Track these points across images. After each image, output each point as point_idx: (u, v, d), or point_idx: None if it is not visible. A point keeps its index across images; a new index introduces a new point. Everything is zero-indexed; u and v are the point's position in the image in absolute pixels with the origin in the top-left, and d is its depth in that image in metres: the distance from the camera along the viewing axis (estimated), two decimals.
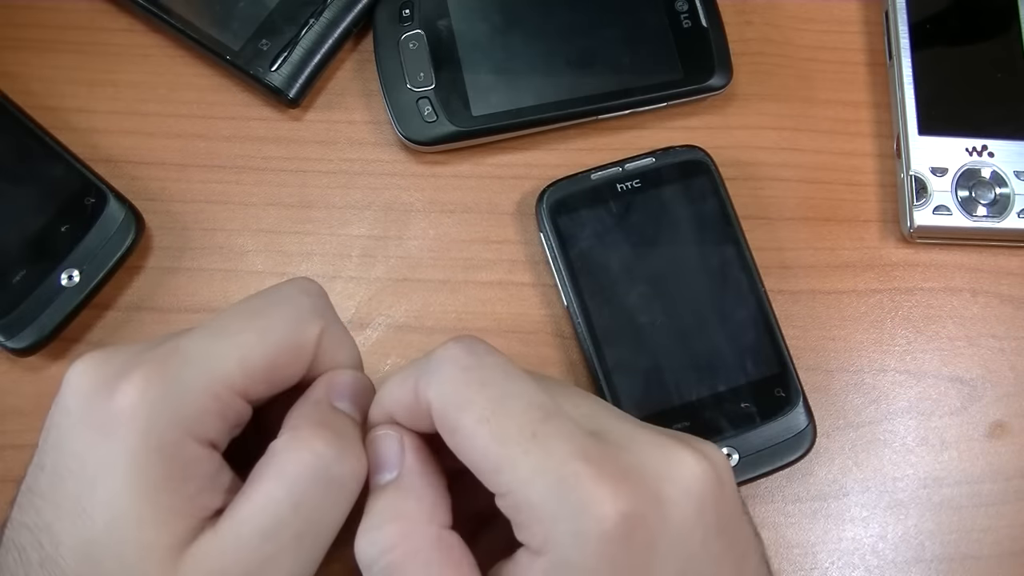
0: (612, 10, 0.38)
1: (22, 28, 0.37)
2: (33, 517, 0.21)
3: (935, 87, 0.38)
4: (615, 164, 0.35)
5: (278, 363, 0.22)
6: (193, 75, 0.37)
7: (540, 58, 0.37)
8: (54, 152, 0.34)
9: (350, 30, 0.37)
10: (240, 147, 0.37)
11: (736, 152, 0.38)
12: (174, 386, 0.21)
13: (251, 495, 0.21)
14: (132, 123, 0.37)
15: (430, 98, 0.36)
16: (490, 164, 0.37)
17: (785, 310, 0.36)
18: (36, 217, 0.33)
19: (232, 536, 0.21)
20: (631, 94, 0.37)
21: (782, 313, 0.35)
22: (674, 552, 0.20)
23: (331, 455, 0.22)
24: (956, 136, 0.37)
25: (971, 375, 0.36)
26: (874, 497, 0.34)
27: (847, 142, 0.39)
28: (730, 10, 0.39)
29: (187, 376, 0.21)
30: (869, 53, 0.40)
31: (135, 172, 0.36)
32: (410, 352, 0.35)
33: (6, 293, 0.32)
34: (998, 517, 0.34)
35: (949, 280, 0.37)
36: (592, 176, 0.35)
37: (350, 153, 0.37)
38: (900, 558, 0.34)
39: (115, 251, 0.33)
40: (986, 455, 0.35)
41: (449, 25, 0.37)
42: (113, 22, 0.38)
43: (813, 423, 0.33)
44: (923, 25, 0.39)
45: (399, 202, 0.36)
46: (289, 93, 0.36)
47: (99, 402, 0.21)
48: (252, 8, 0.37)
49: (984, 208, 0.37)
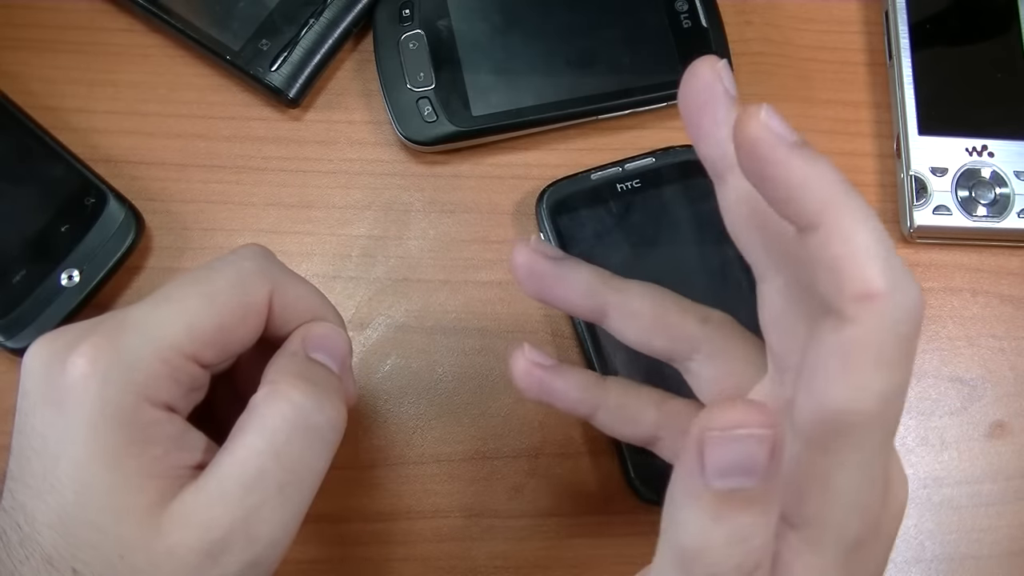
0: (612, 10, 0.38)
1: (22, 28, 0.37)
2: (9, 500, 0.21)
3: (935, 87, 0.38)
4: (615, 164, 0.35)
5: (225, 325, 0.22)
6: (193, 75, 0.37)
7: (540, 58, 0.37)
8: (54, 152, 0.34)
9: (350, 30, 0.37)
10: (240, 147, 0.37)
11: None
12: (123, 354, 0.21)
13: (232, 449, 0.21)
14: (132, 123, 0.37)
15: (430, 98, 0.36)
16: (490, 164, 0.37)
17: None
18: (36, 217, 0.33)
19: (216, 490, 0.21)
20: (631, 94, 0.37)
21: None
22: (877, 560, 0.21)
23: (310, 405, 0.22)
24: (956, 136, 0.37)
25: (971, 375, 0.36)
26: None
27: (847, 142, 0.39)
28: (730, 10, 0.39)
29: (134, 343, 0.21)
30: (869, 53, 0.40)
31: (135, 172, 0.36)
32: (410, 352, 0.35)
33: (6, 293, 0.32)
34: (998, 517, 0.34)
35: (949, 280, 0.37)
36: (592, 176, 0.35)
37: (350, 153, 0.37)
38: (900, 558, 0.34)
39: (115, 251, 0.33)
40: (986, 455, 0.35)
41: (449, 25, 0.37)
42: (113, 22, 0.38)
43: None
44: (923, 25, 0.39)
45: (399, 202, 0.36)
46: (289, 93, 0.36)
47: (52, 378, 0.21)
48: (252, 8, 0.37)
49: (984, 208, 0.37)
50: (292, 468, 0.22)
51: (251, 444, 0.21)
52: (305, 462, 0.22)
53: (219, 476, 0.21)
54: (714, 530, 0.17)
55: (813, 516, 0.19)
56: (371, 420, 0.34)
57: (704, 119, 0.20)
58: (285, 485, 0.21)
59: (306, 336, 0.25)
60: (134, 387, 0.21)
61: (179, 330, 0.22)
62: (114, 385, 0.21)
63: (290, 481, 0.22)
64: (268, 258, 0.25)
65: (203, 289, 0.23)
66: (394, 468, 0.33)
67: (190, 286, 0.23)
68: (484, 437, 0.34)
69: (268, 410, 0.22)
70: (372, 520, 0.33)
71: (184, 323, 0.22)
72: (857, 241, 0.17)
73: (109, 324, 0.22)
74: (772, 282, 0.21)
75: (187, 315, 0.22)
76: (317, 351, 0.24)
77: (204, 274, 0.23)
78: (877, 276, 0.17)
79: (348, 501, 0.33)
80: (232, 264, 0.24)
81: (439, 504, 0.33)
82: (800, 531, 0.19)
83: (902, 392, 0.18)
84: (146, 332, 0.21)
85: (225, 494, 0.21)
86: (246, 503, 0.21)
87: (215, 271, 0.23)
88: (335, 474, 0.33)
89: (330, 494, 0.32)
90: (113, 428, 0.20)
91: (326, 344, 0.25)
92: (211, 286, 0.23)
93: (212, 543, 0.20)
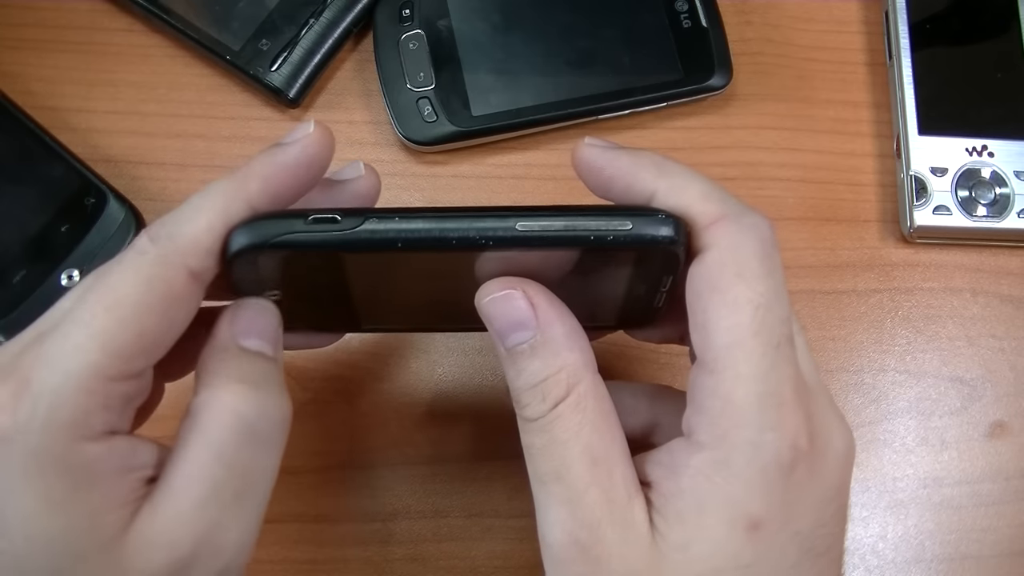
0: (612, 10, 0.38)
1: (22, 28, 0.37)
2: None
3: (935, 87, 0.38)
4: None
5: (145, 331, 0.21)
6: (193, 75, 0.37)
7: (540, 58, 0.37)
8: (54, 152, 0.34)
9: (350, 30, 0.37)
10: (240, 147, 0.37)
11: (736, 152, 0.38)
12: (42, 400, 0.19)
13: (181, 465, 0.21)
14: (132, 123, 0.37)
15: (430, 98, 0.36)
16: (490, 164, 0.37)
17: None
18: (36, 217, 0.33)
19: (172, 510, 0.20)
20: (631, 94, 0.37)
21: None
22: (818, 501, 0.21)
23: (252, 412, 0.21)
24: (956, 136, 0.37)
25: (971, 375, 0.36)
26: (874, 497, 0.34)
27: (847, 142, 0.39)
28: (730, 10, 0.39)
29: (51, 383, 0.20)
30: (869, 53, 0.40)
31: (135, 172, 0.36)
32: (410, 352, 0.35)
33: (6, 293, 0.32)
34: (998, 517, 0.34)
35: (949, 280, 0.37)
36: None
37: (350, 153, 0.37)
38: (900, 558, 0.34)
39: (115, 251, 0.33)
40: (986, 455, 0.35)
41: (449, 25, 0.37)
42: (113, 22, 0.38)
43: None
44: (923, 25, 0.39)
45: (399, 202, 0.36)
46: (289, 93, 0.36)
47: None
48: (252, 8, 0.37)
49: (984, 208, 0.37)
50: (244, 474, 0.21)
51: (200, 458, 0.21)
52: (257, 464, 0.22)
53: (174, 495, 0.20)
54: (518, 379, 0.22)
55: (721, 434, 0.20)
56: (371, 420, 0.34)
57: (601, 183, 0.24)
58: (240, 492, 0.21)
59: (232, 324, 0.23)
60: (63, 431, 0.19)
61: (95, 357, 0.20)
62: (39, 435, 0.19)
63: (245, 487, 0.21)
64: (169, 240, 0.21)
65: (107, 300, 0.20)
66: (394, 468, 0.33)
67: (95, 302, 0.21)
68: (484, 437, 0.34)
69: (211, 422, 0.21)
70: (372, 520, 0.33)
71: (98, 345, 0.20)
72: (690, 189, 0.22)
73: (22, 367, 0.20)
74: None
75: (99, 336, 0.20)
76: (247, 338, 0.23)
77: (104, 282, 0.21)
78: (715, 205, 0.21)
79: (348, 501, 0.33)
80: (130, 263, 0.21)
81: (439, 504, 0.33)
82: (709, 450, 0.21)
83: (775, 303, 0.21)
84: (61, 367, 0.20)
85: (182, 513, 0.20)
86: (205, 518, 0.20)
87: (114, 275, 0.21)
88: (335, 474, 0.33)
89: (330, 494, 0.33)
90: (51, 479, 0.19)
91: (256, 327, 0.23)
92: (114, 294, 0.21)
93: (178, 561, 0.20)
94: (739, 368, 0.20)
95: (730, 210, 0.21)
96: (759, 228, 0.21)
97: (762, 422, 0.20)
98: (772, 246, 0.21)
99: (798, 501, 0.21)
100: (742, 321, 0.20)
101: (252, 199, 0.22)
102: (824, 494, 0.21)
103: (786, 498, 0.20)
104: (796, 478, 0.20)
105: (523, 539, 0.33)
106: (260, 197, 0.22)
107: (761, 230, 0.21)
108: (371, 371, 0.34)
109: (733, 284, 0.20)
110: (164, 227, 0.21)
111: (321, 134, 0.23)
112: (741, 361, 0.20)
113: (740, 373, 0.20)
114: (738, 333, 0.20)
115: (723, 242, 0.21)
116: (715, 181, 0.22)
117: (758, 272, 0.21)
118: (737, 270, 0.20)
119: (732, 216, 0.21)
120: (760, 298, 0.20)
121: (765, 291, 0.20)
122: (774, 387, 0.20)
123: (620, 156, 0.23)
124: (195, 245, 0.21)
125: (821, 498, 0.21)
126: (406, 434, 0.34)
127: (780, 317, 0.21)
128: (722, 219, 0.21)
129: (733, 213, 0.21)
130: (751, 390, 0.20)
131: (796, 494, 0.20)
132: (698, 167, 0.22)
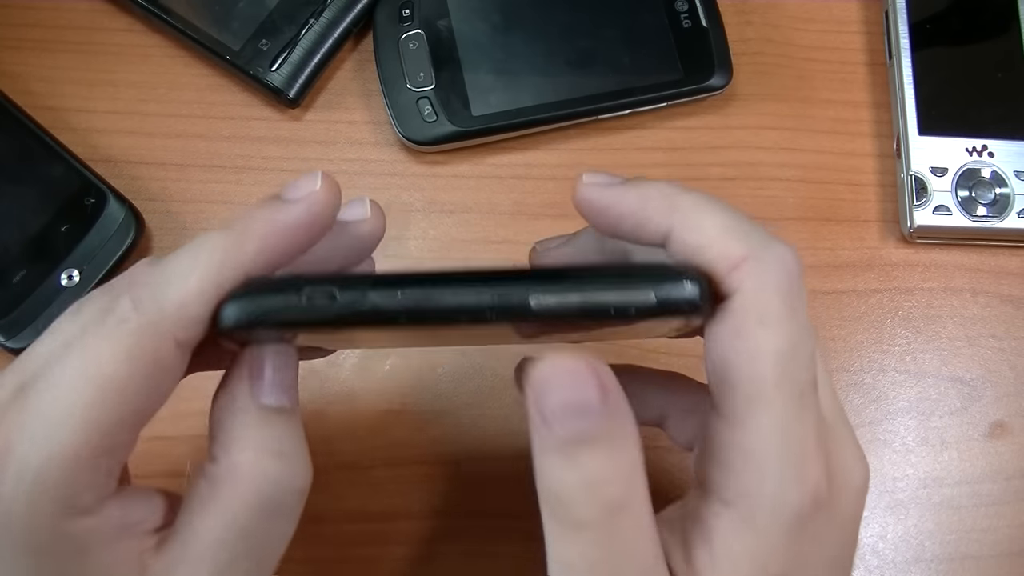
0: (612, 10, 0.38)
1: (22, 28, 0.37)
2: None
3: (935, 87, 0.38)
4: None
5: (129, 403, 0.19)
6: (193, 75, 0.37)
7: (540, 58, 0.37)
8: (54, 152, 0.34)
9: (350, 30, 0.37)
10: (240, 147, 0.37)
11: (736, 152, 0.38)
12: (27, 475, 0.18)
13: (199, 535, 0.20)
14: (132, 123, 0.37)
15: (430, 98, 0.36)
16: (490, 164, 0.37)
17: None
18: (36, 217, 0.33)
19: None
20: (631, 94, 0.37)
21: None
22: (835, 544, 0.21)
23: (275, 487, 0.20)
24: (956, 136, 0.37)
25: (971, 375, 0.36)
26: (874, 497, 0.34)
27: (847, 142, 0.39)
28: (730, 10, 0.39)
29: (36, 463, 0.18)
30: (869, 53, 0.40)
31: (135, 172, 0.36)
32: (410, 352, 0.35)
33: (6, 293, 0.32)
34: (998, 517, 0.34)
35: (949, 280, 0.37)
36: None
37: (350, 153, 0.37)
38: (900, 558, 0.34)
39: (115, 251, 0.33)
40: (986, 455, 0.35)
41: (449, 25, 0.37)
42: (113, 22, 0.38)
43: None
44: (923, 25, 0.39)
45: (399, 202, 0.36)
46: (289, 93, 0.36)
47: None
48: (252, 8, 0.37)
49: (984, 208, 0.37)
50: (263, 545, 0.21)
51: (218, 534, 0.20)
52: (276, 532, 0.21)
53: (190, 567, 0.20)
54: (569, 475, 0.18)
55: (744, 491, 0.19)
56: (371, 420, 0.34)
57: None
58: (259, 561, 0.21)
59: (251, 379, 0.21)
60: (51, 509, 0.18)
61: (79, 436, 0.18)
62: (25, 517, 0.18)
63: (263, 556, 0.21)
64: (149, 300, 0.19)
65: (89, 370, 0.19)
66: (394, 468, 0.33)
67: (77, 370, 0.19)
68: (484, 437, 0.34)
69: (232, 498, 0.20)
70: (372, 520, 0.33)
71: (81, 423, 0.18)
72: (707, 225, 0.20)
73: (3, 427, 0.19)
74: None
75: (82, 411, 0.18)
76: (268, 395, 0.21)
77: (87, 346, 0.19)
78: (737, 243, 0.19)
79: (348, 501, 0.33)
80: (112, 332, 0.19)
81: (439, 504, 0.33)
82: (734, 508, 0.19)
83: (799, 348, 0.19)
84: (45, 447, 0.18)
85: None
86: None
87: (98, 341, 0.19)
88: (335, 474, 0.33)
89: (330, 494, 0.32)
90: (45, 559, 0.19)
91: (278, 382, 0.21)
92: (96, 364, 0.19)
93: None
94: (760, 420, 0.19)
95: (753, 246, 0.19)
96: (783, 262, 0.20)
97: (784, 476, 0.19)
98: (797, 279, 0.20)
99: (816, 550, 0.20)
100: (764, 373, 0.19)
101: (247, 263, 0.20)
102: (840, 536, 0.21)
103: (804, 549, 0.20)
104: (815, 527, 0.20)
105: (523, 539, 0.33)
106: (256, 260, 0.20)
107: (786, 263, 0.20)
108: (371, 371, 0.34)
109: (755, 332, 0.19)
110: (149, 289, 0.19)
111: (328, 191, 0.21)
112: (763, 414, 0.19)
113: (762, 426, 0.19)
114: (760, 385, 0.19)
115: (746, 285, 0.19)
116: (732, 206, 0.21)
117: (781, 314, 0.19)
118: (759, 316, 0.19)
119: (755, 254, 0.19)
120: (783, 344, 0.19)
121: (789, 334, 0.19)
122: (796, 440, 0.19)
123: (626, 193, 0.21)
124: (182, 313, 0.19)
125: (838, 540, 0.21)
126: (406, 434, 0.34)
127: (803, 363, 0.19)
128: (744, 261, 0.19)
129: (756, 249, 0.19)
130: (773, 443, 0.19)
131: (815, 544, 0.20)
132: (698, 167, 0.22)
